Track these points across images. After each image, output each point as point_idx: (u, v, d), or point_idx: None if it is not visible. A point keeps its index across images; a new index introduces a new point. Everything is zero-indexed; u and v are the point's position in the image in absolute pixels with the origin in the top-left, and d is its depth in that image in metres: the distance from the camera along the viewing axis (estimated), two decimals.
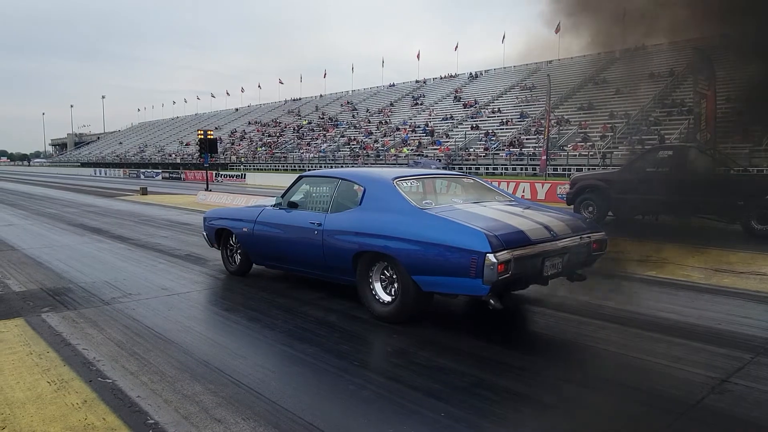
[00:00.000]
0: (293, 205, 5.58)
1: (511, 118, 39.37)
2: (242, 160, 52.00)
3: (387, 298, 4.63)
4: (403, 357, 3.90)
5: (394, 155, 39.27)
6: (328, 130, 52.75)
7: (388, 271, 4.62)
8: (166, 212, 14.79)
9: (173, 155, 61.72)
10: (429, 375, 3.54)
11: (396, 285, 4.52)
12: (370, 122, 50.70)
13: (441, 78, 56.65)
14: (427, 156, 36.92)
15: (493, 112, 42.13)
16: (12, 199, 19.49)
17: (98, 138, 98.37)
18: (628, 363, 3.76)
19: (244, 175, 38.75)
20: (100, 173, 57.63)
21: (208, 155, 21.64)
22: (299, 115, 62.28)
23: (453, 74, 55.77)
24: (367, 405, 3.14)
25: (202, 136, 21.14)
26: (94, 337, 4.25)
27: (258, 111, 72.14)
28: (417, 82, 58.63)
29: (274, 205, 5.86)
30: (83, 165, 73.57)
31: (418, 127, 44.66)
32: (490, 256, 3.77)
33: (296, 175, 6.45)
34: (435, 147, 39.19)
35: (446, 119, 44.33)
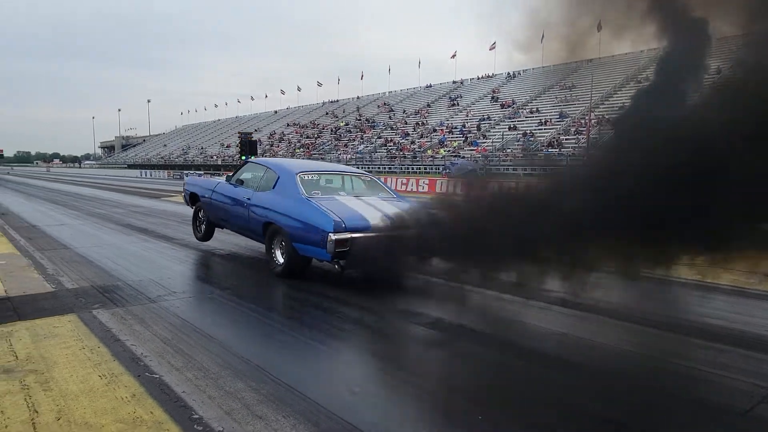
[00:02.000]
0: (240, 182, 7.21)
1: (550, 118, 38.70)
2: None
3: (281, 260, 6.20)
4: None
5: (431, 156, 39.15)
6: (365, 132, 53.01)
7: (284, 242, 6.09)
8: None
9: (215, 157, 63.18)
10: None
11: (284, 250, 6.08)
12: (406, 123, 50.70)
13: (478, 78, 56.17)
14: (464, 157, 36.68)
15: (532, 112, 41.50)
16: (65, 200, 20.33)
17: (144, 140, 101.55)
18: (674, 370, 3.66)
19: None
20: (146, 174, 59.48)
21: (249, 156, 22.07)
22: (336, 117, 62.80)
23: (490, 74, 55.21)
24: (407, 405, 3.17)
25: (243, 138, 21.59)
26: (142, 334, 4.41)
27: (296, 113, 73.09)
28: (454, 82, 58.30)
29: (227, 180, 7.58)
30: (130, 167, 76.06)
31: (455, 128, 44.39)
32: (332, 235, 5.31)
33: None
34: (472, 148, 38.89)
35: (483, 120, 43.91)
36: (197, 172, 51.10)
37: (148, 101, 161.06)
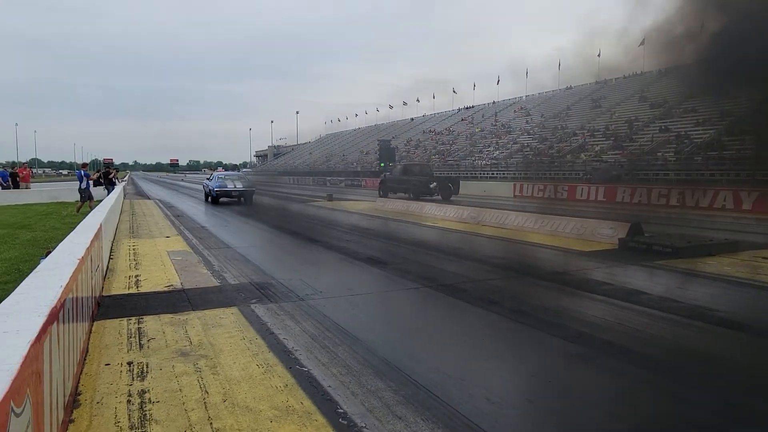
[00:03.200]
0: (209, 179, 22.84)
1: (710, 117, 34.78)
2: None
3: (209, 200, 22.20)
4: None
5: (570, 161, 37.28)
6: (500, 137, 52.01)
7: (210, 193, 21.56)
8: (348, 217, 15.98)
9: (354, 164, 66.01)
10: None
11: (210, 196, 21.58)
12: (544, 128, 48.80)
13: (624, 77, 52.29)
14: (607, 161, 34.39)
15: (687, 112, 37.67)
16: (226, 204, 22.65)
17: (292, 149, 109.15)
18: None
19: None
20: (293, 181, 63.97)
21: (387, 163, 22.77)
22: (472, 123, 62.39)
23: (639, 72, 51.04)
24: (546, 415, 3.10)
25: (382, 146, 22.35)
26: (292, 329, 4.80)
27: (432, 120, 73.82)
28: (597, 83, 54.91)
29: (208, 179, 23.10)
30: (279, 174, 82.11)
31: (597, 131, 41.80)
32: (216, 189, 20.93)
33: (466, 183, 21.08)
34: (616, 152, 36.33)
35: (630, 121, 40.80)
36: (339, 178, 53.74)
37: (297, 112, 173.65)
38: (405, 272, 7.33)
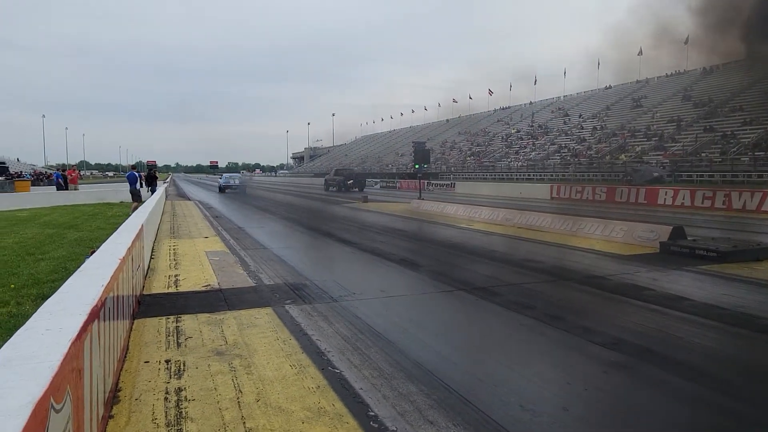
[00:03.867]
0: (220, 177, 41.46)
1: (758, 117, 33.35)
2: (452, 169, 53.37)
3: (219, 191, 36.78)
4: None
5: (610, 163, 36.37)
6: (537, 138, 51.21)
7: (219, 185, 37.72)
8: (383, 219, 16.00)
9: (390, 165, 66.11)
10: None
11: (222, 188, 36.42)
12: (583, 128, 47.81)
13: (667, 76, 50.73)
14: (648, 163, 33.42)
15: (733, 111, 36.26)
16: (262, 205, 23.04)
17: (328, 151, 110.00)
18: None
19: (454, 184, 39.66)
20: None
21: (422, 165, 22.68)
22: (508, 124, 61.65)
23: (682, 71, 49.43)
24: (582, 425, 3.03)
25: (417, 147, 22.31)
26: (325, 330, 4.83)
27: (468, 121, 73.26)
28: (638, 82, 53.47)
29: (219, 178, 43.80)
30: (316, 175, 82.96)
31: (638, 131, 40.67)
32: (222, 183, 36.99)
33: (502, 184, 24.66)
34: (658, 153, 35.29)
35: (675, 120, 39.56)
36: (374, 180, 53.88)
37: (333, 115, 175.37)
38: (438, 274, 7.29)
